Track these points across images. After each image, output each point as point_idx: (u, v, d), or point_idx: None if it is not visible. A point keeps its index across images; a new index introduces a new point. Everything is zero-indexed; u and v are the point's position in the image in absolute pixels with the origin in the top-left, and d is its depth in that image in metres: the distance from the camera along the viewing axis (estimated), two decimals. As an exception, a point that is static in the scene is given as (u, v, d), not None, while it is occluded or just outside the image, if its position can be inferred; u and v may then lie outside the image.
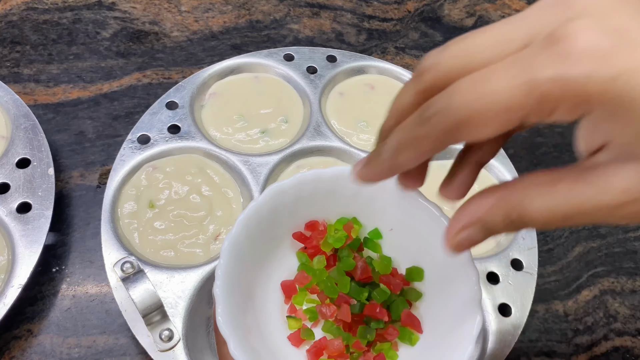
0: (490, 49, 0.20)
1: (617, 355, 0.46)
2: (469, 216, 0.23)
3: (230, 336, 0.26)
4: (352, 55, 0.58)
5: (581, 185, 0.20)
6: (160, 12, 0.62)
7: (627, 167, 0.19)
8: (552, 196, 0.20)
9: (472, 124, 0.20)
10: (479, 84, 0.19)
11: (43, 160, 0.46)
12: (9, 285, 0.40)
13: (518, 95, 0.19)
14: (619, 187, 0.19)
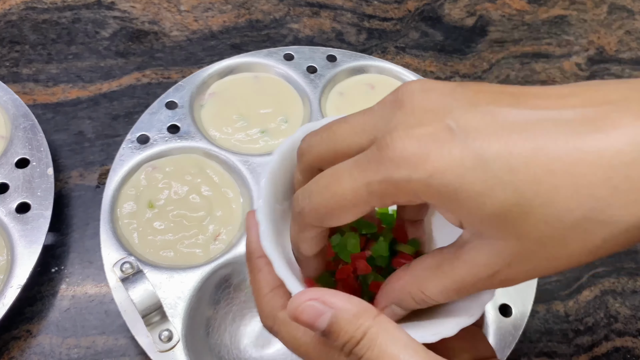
0: (347, 140, 0.25)
1: (618, 356, 0.46)
2: (387, 298, 0.27)
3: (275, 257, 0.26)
4: (352, 55, 0.57)
5: (457, 265, 0.24)
6: (159, 11, 0.62)
7: (481, 244, 0.23)
8: (439, 279, 0.24)
9: (332, 216, 0.24)
10: (331, 186, 0.24)
11: (42, 160, 0.46)
12: (8, 286, 0.40)
13: (361, 195, 0.23)
14: (481, 263, 0.23)
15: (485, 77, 0.62)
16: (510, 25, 0.67)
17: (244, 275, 0.44)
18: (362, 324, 0.23)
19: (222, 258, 0.43)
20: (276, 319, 0.27)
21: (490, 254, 0.22)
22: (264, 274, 0.28)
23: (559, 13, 0.69)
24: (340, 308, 0.24)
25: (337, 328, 0.23)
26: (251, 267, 0.29)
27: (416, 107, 0.23)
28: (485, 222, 0.22)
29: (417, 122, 0.22)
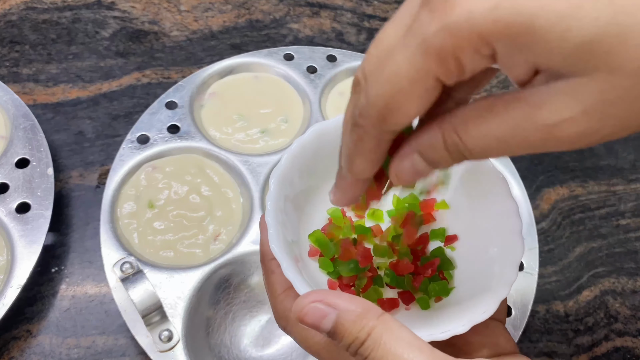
0: (394, 35, 0.20)
1: (618, 356, 0.46)
2: (412, 144, 0.23)
3: (283, 259, 0.26)
4: (352, 55, 0.57)
5: (513, 107, 0.19)
6: (159, 11, 0.62)
7: (556, 86, 0.18)
8: (485, 120, 0.20)
9: (394, 108, 0.20)
10: (384, 68, 0.20)
11: (42, 160, 0.46)
12: (8, 286, 0.40)
13: (418, 62, 0.19)
14: (548, 105, 0.18)
15: (485, 77, 0.62)
16: (510, 25, 0.67)
17: (243, 276, 0.44)
18: (366, 325, 0.23)
19: (222, 258, 0.43)
20: (289, 320, 0.28)
21: (566, 96, 0.18)
22: (277, 276, 0.28)
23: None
24: (343, 309, 0.24)
25: (342, 329, 0.23)
26: (264, 269, 0.29)
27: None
28: (569, 57, 0.17)
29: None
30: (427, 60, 0.19)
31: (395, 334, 0.23)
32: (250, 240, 0.44)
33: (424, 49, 0.19)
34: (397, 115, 0.20)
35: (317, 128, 0.30)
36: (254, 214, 0.45)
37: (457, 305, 0.28)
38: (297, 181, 0.30)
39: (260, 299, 0.44)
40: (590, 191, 0.55)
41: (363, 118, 0.21)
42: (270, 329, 0.43)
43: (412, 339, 0.23)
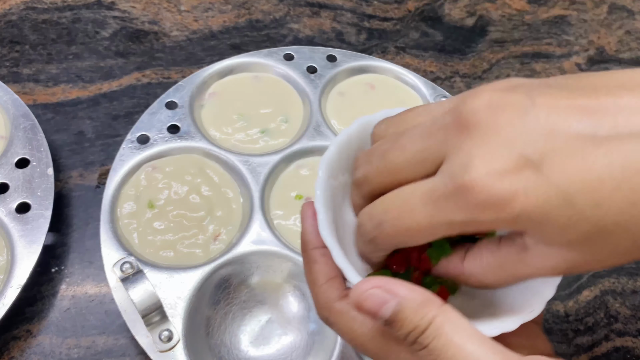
0: (407, 170, 0.25)
1: (618, 356, 0.46)
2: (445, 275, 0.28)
3: (334, 246, 0.26)
4: (352, 55, 0.57)
5: (520, 268, 0.24)
6: (159, 11, 0.62)
7: (550, 253, 0.23)
8: (499, 276, 0.25)
9: (405, 244, 0.25)
10: (403, 219, 0.24)
11: (42, 160, 0.46)
12: (8, 286, 0.40)
13: (439, 229, 0.24)
14: (548, 267, 0.24)
15: (485, 77, 0.62)
16: (511, 25, 0.67)
17: (244, 276, 0.44)
18: (428, 313, 0.23)
19: (222, 258, 0.43)
20: (332, 310, 0.27)
21: (559, 261, 0.23)
22: (320, 265, 0.28)
23: (559, 13, 0.69)
24: (405, 296, 0.24)
25: (402, 317, 0.23)
26: (307, 258, 0.29)
27: (485, 133, 0.22)
28: (564, 244, 0.23)
29: (492, 153, 0.22)
30: (447, 230, 0.24)
31: (456, 324, 0.23)
32: (250, 240, 0.44)
33: (449, 226, 0.23)
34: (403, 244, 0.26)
35: (362, 120, 0.30)
36: (254, 214, 0.45)
37: (502, 305, 0.28)
38: (342, 170, 0.30)
39: (260, 299, 0.44)
40: (590, 191, 0.55)
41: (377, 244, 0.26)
42: (270, 329, 0.43)
43: (473, 330, 0.23)
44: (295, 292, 0.44)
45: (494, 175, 0.22)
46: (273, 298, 0.44)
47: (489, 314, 0.27)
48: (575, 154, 0.21)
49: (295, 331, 0.43)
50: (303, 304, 0.43)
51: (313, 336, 0.42)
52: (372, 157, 0.27)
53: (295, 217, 0.47)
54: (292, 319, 0.43)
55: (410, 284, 0.24)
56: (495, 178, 0.22)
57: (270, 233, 0.44)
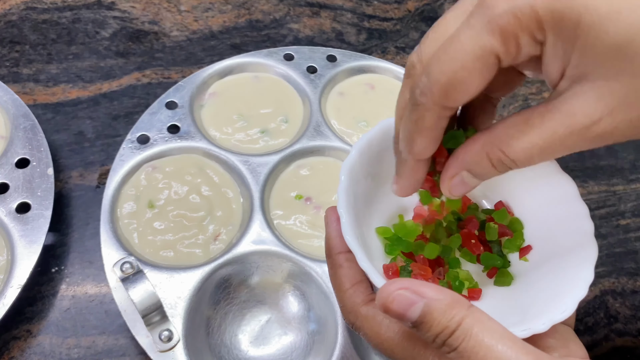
0: (454, 22, 0.23)
1: (618, 356, 0.46)
2: (459, 163, 0.25)
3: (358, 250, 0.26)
4: (352, 55, 0.57)
5: (549, 118, 0.22)
6: (159, 11, 0.62)
7: (583, 90, 0.21)
8: (525, 134, 0.22)
9: (457, 83, 0.22)
10: (448, 47, 0.22)
11: (42, 160, 0.46)
12: (8, 286, 0.40)
13: (483, 39, 0.21)
14: (580, 110, 0.21)
15: (485, 77, 0.62)
16: (510, 25, 0.67)
17: (244, 276, 0.44)
18: (456, 315, 0.23)
19: (222, 258, 0.43)
20: (358, 315, 0.27)
21: (592, 99, 0.21)
22: (345, 270, 0.28)
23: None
24: (432, 298, 0.23)
25: (430, 318, 0.23)
26: (331, 263, 0.29)
27: None
28: (600, 56, 0.20)
29: None
30: (491, 38, 0.21)
31: (486, 325, 0.23)
32: (250, 240, 0.44)
33: (490, 28, 0.21)
34: (460, 90, 0.22)
35: (382, 124, 0.31)
36: (254, 214, 0.45)
37: (534, 306, 0.28)
38: (364, 175, 0.30)
39: (260, 299, 0.44)
40: (590, 191, 0.55)
41: (424, 96, 0.23)
42: (270, 329, 0.43)
43: (503, 331, 0.23)
44: (295, 292, 0.44)
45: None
46: (273, 298, 0.44)
47: (518, 316, 0.27)
48: None
49: (295, 331, 0.43)
50: (303, 304, 0.43)
51: (313, 336, 0.42)
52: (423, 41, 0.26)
53: (295, 217, 0.47)
54: (292, 319, 0.43)
55: (436, 286, 0.24)
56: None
57: (270, 233, 0.44)
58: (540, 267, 0.30)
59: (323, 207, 0.47)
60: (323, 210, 0.47)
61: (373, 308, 0.27)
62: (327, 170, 0.50)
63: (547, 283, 0.29)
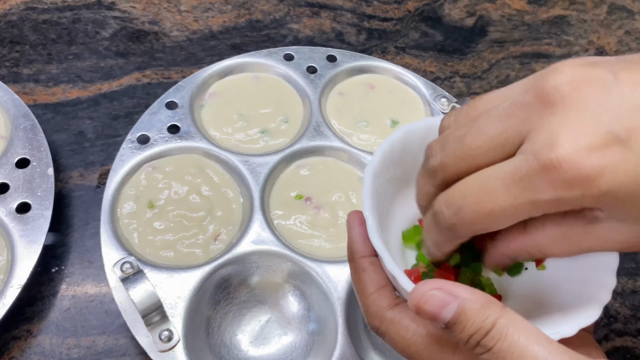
0: (487, 154, 0.24)
1: (618, 356, 0.46)
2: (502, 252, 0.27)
3: (384, 253, 0.26)
4: (352, 55, 0.57)
5: (586, 239, 0.24)
6: (159, 11, 0.62)
7: (619, 226, 0.23)
8: (564, 246, 0.25)
9: (486, 229, 0.24)
10: (484, 202, 0.23)
11: (42, 160, 0.46)
12: (9, 286, 0.40)
13: (523, 211, 0.23)
14: (616, 240, 0.24)
15: (485, 77, 0.62)
16: (510, 26, 0.67)
17: (244, 276, 0.44)
18: (491, 315, 0.23)
19: (222, 258, 0.43)
20: (383, 320, 0.27)
21: (628, 234, 0.23)
22: (369, 274, 0.28)
23: (559, 13, 0.69)
24: (466, 298, 0.23)
25: (464, 319, 0.23)
26: (354, 267, 0.29)
27: (570, 109, 0.22)
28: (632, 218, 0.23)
29: (578, 129, 0.21)
30: (531, 211, 0.23)
31: (520, 325, 0.23)
32: (250, 240, 0.44)
33: (534, 206, 0.23)
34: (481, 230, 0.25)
35: (404, 129, 0.31)
36: (254, 214, 0.45)
37: (558, 311, 0.28)
38: (386, 179, 0.31)
39: (260, 299, 0.44)
40: (590, 191, 0.55)
41: (456, 231, 0.25)
42: (270, 329, 0.43)
43: (538, 331, 0.23)
44: (295, 292, 0.44)
45: (581, 151, 0.21)
46: (273, 298, 0.44)
47: (544, 320, 0.27)
48: None
49: (295, 331, 0.43)
50: (303, 304, 0.43)
51: (313, 336, 0.42)
52: (447, 143, 0.25)
53: (295, 217, 0.47)
54: (292, 319, 0.43)
55: (469, 287, 0.24)
56: (583, 154, 0.21)
57: (270, 233, 0.44)
58: (560, 274, 0.30)
59: (323, 207, 0.47)
60: (323, 210, 0.47)
61: (399, 312, 0.26)
62: (327, 170, 0.50)
63: (569, 289, 0.29)
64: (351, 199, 0.48)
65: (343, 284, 0.43)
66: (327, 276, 0.43)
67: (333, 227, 0.47)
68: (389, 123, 0.54)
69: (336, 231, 0.47)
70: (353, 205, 0.48)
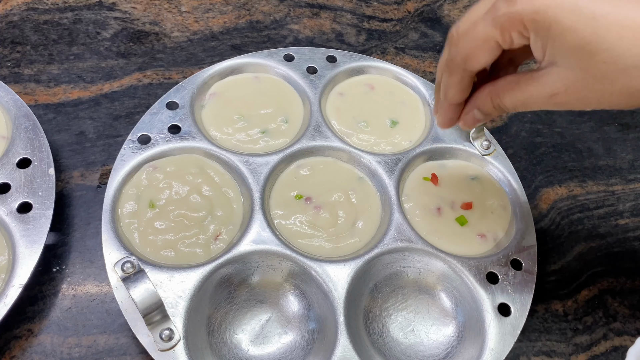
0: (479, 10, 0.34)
1: (617, 355, 0.47)
2: (473, 103, 0.37)
3: None
4: (352, 56, 0.58)
5: (530, 83, 0.33)
6: (160, 12, 0.63)
7: (552, 71, 0.31)
8: (514, 92, 0.34)
9: (472, 56, 0.34)
10: (470, 31, 0.33)
11: (43, 160, 0.46)
12: (10, 285, 0.40)
13: (489, 30, 0.32)
14: (548, 84, 0.32)
15: (484, 77, 0.62)
16: (510, 26, 0.68)
17: (244, 275, 0.44)
18: None
19: (223, 257, 0.43)
20: None
21: (557, 78, 0.31)
22: None
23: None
24: None
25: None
26: None
27: None
28: (562, 52, 0.30)
29: None
30: (495, 30, 0.32)
31: None
32: (250, 240, 0.44)
33: (494, 22, 0.32)
34: (473, 62, 0.34)
35: None
36: (254, 214, 0.45)
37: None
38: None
39: (260, 298, 0.44)
40: (588, 191, 0.55)
41: (454, 61, 0.35)
42: (271, 328, 0.43)
43: None
44: (295, 291, 0.44)
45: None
46: (273, 297, 0.44)
47: None
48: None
49: (295, 330, 0.43)
50: (303, 303, 0.44)
51: (313, 335, 0.42)
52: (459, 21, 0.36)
53: (295, 217, 0.47)
54: (292, 318, 0.43)
55: None
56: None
57: (270, 233, 0.44)
58: None
59: (323, 207, 0.48)
60: (323, 210, 0.48)
61: None
62: (327, 170, 0.50)
63: None
64: (351, 199, 0.48)
65: (343, 283, 0.43)
66: (327, 275, 0.43)
67: (333, 227, 0.47)
68: (389, 123, 0.54)
69: (336, 231, 0.47)
70: (353, 205, 0.48)
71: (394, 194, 0.48)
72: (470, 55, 0.34)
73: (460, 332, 0.44)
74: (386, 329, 0.44)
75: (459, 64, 0.35)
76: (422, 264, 0.46)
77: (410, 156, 0.51)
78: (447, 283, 0.46)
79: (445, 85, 0.37)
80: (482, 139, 0.52)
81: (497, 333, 0.42)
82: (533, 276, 0.46)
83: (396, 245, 0.45)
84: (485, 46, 0.33)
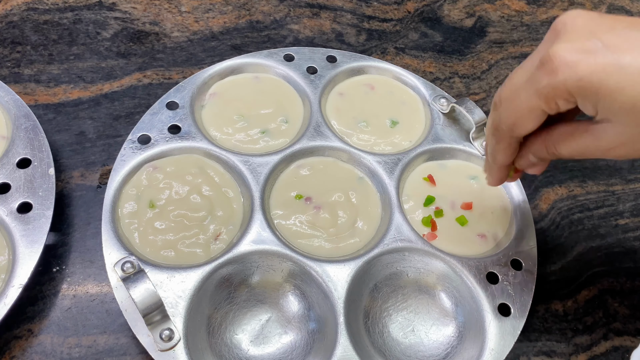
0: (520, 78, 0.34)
1: (617, 355, 0.47)
2: (527, 149, 0.38)
3: None
4: (352, 56, 0.58)
5: (586, 137, 0.34)
6: (160, 12, 0.63)
7: (608, 126, 0.32)
8: (570, 143, 0.35)
9: (517, 125, 0.35)
10: (512, 101, 0.35)
11: (44, 161, 0.46)
12: (10, 285, 0.40)
13: (533, 100, 0.33)
14: (605, 138, 0.33)
15: (484, 77, 0.62)
16: (509, 26, 0.68)
17: (244, 275, 0.44)
18: None
19: (223, 257, 0.43)
20: None
21: (612, 133, 0.32)
22: None
23: (557, 14, 0.69)
24: None
25: None
26: None
27: (569, 30, 0.32)
28: (613, 111, 0.31)
29: (570, 40, 0.31)
30: (538, 101, 0.33)
31: None
32: (250, 240, 0.44)
33: (537, 95, 0.32)
34: (519, 129, 0.35)
35: None
36: (254, 214, 0.45)
37: None
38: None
39: (260, 298, 0.44)
40: (589, 191, 0.55)
41: (500, 128, 0.36)
42: (271, 328, 0.43)
43: None
44: (295, 291, 0.44)
45: (569, 50, 0.31)
46: (273, 297, 0.44)
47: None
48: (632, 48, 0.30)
49: (295, 330, 0.43)
50: (303, 304, 0.44)
51: (313, 335, 0.42)
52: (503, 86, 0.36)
53: (295, 217, 0.47)
54: (292, 318, 0.43)
55: None
56: (570, 51, 0.30)
57: (270, 233, 0.44)
58: None
59: (323, 207, 0.48)
60: (323, 210, 0.48)
61: None
62: (327, 170, 0.50)
63: None
64: (351, 199, 0.48)
65: (343, 283, 0.43)
66: (327, 276, 0.43)
67: (333, 227, 0.47)
68: (389, 123, 0.54)
69: (336, 231, 0.47)
70: (353, 205, 0.48)
71: (394, 194, 0.48)
72: (516, 123, 0.35)
73: (460, 332, 0.44)
74: (386, 329, 0.44)
75: (505, 132, 0.36)
76: (422, 264, 0.46)
77: (410, 156, 0.51)
78: (447, 283, 0.46)
79: (492, 149, 0.38)
80: (482, 139, 0.52)
81: (497, 333, 0.42)
82: (533, 276, 0.46)
83: (396, 246, 0.45)
84: (531, 115, 0.33)
